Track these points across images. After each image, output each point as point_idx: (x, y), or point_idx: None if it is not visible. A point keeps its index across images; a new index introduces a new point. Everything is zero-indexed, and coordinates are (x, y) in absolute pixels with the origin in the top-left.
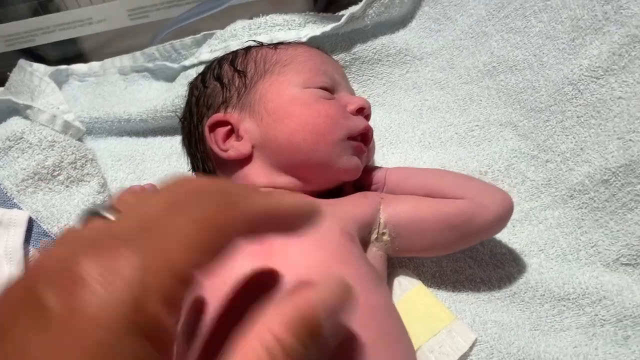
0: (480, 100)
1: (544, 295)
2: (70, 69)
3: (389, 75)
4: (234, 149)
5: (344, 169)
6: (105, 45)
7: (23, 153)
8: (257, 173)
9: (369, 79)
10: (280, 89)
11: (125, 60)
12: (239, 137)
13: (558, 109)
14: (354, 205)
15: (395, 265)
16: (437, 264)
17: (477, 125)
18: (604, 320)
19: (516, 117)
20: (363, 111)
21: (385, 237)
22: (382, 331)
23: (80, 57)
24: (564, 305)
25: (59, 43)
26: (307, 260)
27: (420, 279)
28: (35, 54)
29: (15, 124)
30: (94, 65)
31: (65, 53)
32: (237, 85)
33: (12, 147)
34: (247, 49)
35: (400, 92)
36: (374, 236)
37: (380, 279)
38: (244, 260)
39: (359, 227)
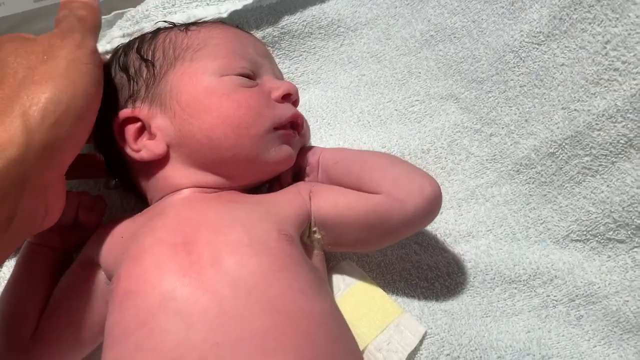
0: (419, 73)
1: (494, 279)
2: None
3: (322, 49)
4: (146, 149)
5: (274, 161)
6: (12, 31)
7: None
8: (179, 174)
9: (301, 55)
10: (193, 78)
11: None
12: (151, 135)
13: (500, 78)
14: (288, 201)
15: (337, 257)
16: (382, 252)
17: (417, 100)
18: (556, 301)
19: (457, 89)
20: (289, 97)
21: (317, 235)
22: (330, 337)
23: None
24: (515, 288)
25: None
26: (242, 271)
27: (364, 270)
28: None
29: None
30: None
31: None
32: (144, 76)
33: None
34: (155, 33)
35: (335, 68)
36: (307, 234)
37: (322, 282)
38: (167, 276)
39: (298, 226)
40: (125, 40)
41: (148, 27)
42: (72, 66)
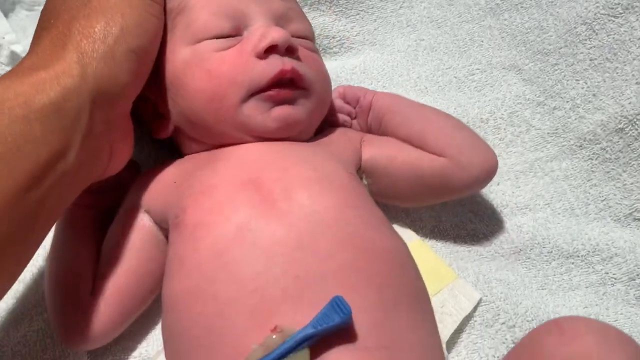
0: (482, 41)
1: (551, 252)
2: None
3: (380, 10)
4: (158, 129)
5: (269, 129)
6: None
7: None
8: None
9: (359, 14)
10: (171, 53)
11: None
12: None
13: (569, 51)
14: (343, 145)
15: (389, 217)
16: (435, 218)
17: (478, 69)
18: (615, 279)
19: (521, 60)
20: (276, 49)
21: (364, 181)
22: (408, 277)
23: None
24: (573, 263)
25: None
26: (316, 205)
27: (417, 234)
28: None
29: None
30: None
31: None
32: None
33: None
34: None
35: (393, 30)
36: None
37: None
38: (241, 209)
39: (355, 169)
40: None
41: None
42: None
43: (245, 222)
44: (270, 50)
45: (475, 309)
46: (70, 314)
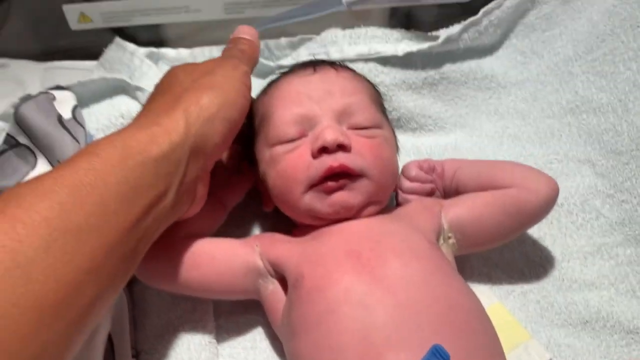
0: (561, 136)
1: (613, 326)
2: (161, 52)
3: (472, 98)
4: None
5: (327, 213)
6: (187, 35)
7: None
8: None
9: (453, 99)
10: (260, 152)
11: (214, 51)
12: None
13: (639, 154)
14: (422, 215)
15: (473, 281)
16: (513, 284)
17: (556, 159)
18: None
19: (595, 156)
20: (327, 150)
21: (452, 240)
22: (488, 332)
23: (161, 43)
24: (632, 338)
25: (148, 26)
26: (407, 270)
27: (496, 297)
28: (125, 34)
29: (125, 103)
30: (182, 52)
31: (150, 37)
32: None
33: (125, 125)
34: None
35: (482, 116)
36: (441, 242)
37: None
38: (347, 275)
39: (435, 237)
40: (310, 58)
41: (333, 51)
42: (226, 81)
43: (350, 285)
44: (323, 150)
45: None
46: (165, 242)
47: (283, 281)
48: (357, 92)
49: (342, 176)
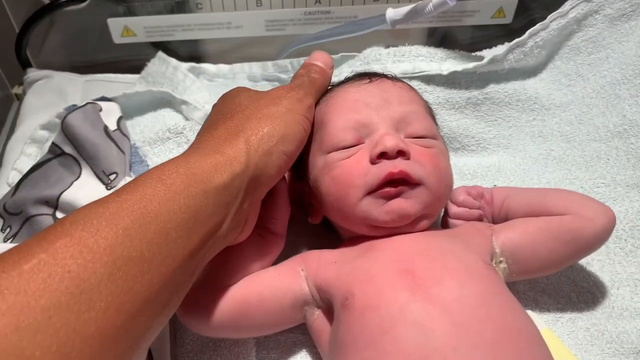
0: (608, 159)
1: None
2: (201, 68)
3: (515, 119)
4: (311, 215)
5: (383, 221)
6: (225, 51)
7: (179, 147)
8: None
9: (496, 120)
10: (313, 158)
11: (254, 68)
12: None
13: None
14: (474, 237)
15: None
16: (561, 310)
17: (603, 183)
18: None
19: None
20: (387, 154)
21: (503, 265)
22: (543, 354)
23: (199, 58)
24: None
25: (187, 41)
26: (464, 291)
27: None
28: (167, 48)
29: (170, 116)
30: (222, 67)
31: (189, 52)
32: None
33: (171, 139)
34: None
35: (525, 138)
36: (492, 265)
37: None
38: (401, 293)
39: (489, 258)
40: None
41: (377, 69)
42: (289, 113)
43: (405, 304)
44: (382, 155)
45: None
46: (207, 290)
47: (327, 306)
48: (413, 101)
49: (401, 183)
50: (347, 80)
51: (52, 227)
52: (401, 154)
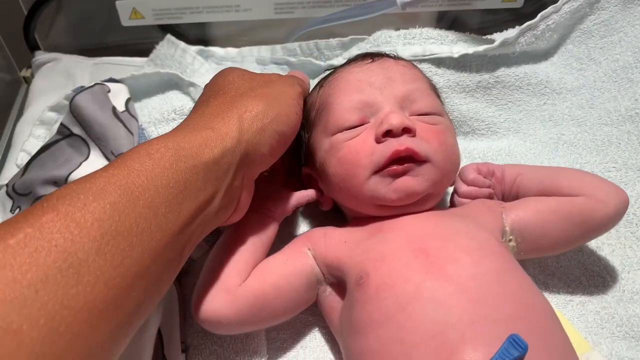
0: (619, 144)
1: None
2: (210, 51)
3: (526, 103)
4: (321, 202)
5: (391, 199)
6: (233, 34)
7: None
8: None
9: (507, 104)
10: (318, 142)
11: (263, 51)
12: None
13: None
14: (486, 215)
15: None
16: (571, 293)
17: (614, 167)
18: None
19: None
20: (392, 132)
21: (512, 243)
22: (558, 330)
23: (207, 41)
24: None
25: (195, 25)
26: (479, 268)
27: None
28: (175, 31)
29: (177, 98)
30: (231, 51)
31: (197, 35)
32: (304, 135)
33: (176, 119)
34: (315, 87)
35: (536, 122)
36: None
37: None
38: (416, 272)
39: (500, 236)
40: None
41: (387, 51)
42: (282, 95)
43: (421, 282)
44: (388, 134)
45: None
46: (218, 292)
47: (338, 282)
48: (417, 79)
49: (407, 160)
50: (350, 61)
51: (39, 203)
52: (407, 131)
